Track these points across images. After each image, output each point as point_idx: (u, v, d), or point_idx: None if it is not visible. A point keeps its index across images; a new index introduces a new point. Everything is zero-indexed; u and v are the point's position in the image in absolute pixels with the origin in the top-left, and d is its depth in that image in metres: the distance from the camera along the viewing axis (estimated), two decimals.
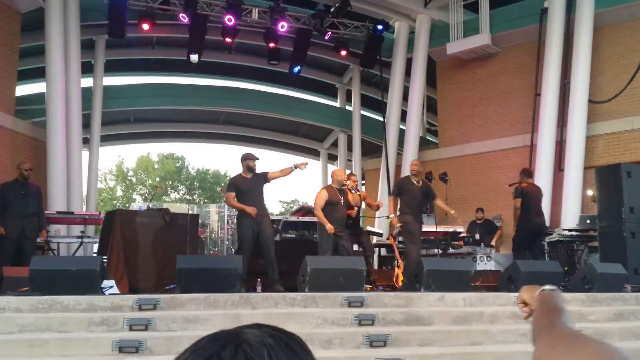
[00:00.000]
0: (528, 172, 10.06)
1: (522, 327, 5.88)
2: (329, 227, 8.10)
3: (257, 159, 8.28)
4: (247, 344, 0.70)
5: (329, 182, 9.01)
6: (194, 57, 13.51)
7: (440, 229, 10.71)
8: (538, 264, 8.31)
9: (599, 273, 7.42)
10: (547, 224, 10.37)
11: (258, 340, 0.71)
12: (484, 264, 10.81)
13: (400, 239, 9.47)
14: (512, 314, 6.25)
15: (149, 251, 8.57)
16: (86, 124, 13.86)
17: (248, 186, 8.04)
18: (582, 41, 12.16)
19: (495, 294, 6.96)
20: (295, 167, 8.12)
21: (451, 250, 11.17)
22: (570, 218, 11.41)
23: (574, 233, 10.40)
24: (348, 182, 8.62)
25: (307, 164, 8.23)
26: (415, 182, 8.84)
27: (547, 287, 1.28)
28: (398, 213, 8.81)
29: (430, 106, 17.80)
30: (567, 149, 12.21)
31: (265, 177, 8.20)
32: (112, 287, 6.84)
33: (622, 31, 12.60)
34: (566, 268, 8.50)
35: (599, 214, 9.42)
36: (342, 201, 8.44)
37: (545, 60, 12.69)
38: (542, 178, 12.18)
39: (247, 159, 8.21)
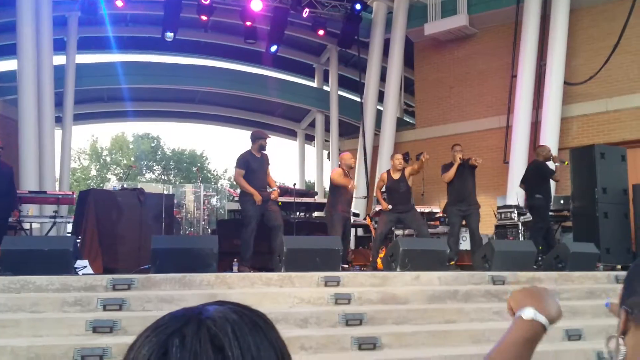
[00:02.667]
0: None
1: (496, 305, 5.95)
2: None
3: (269, 137, 8.14)
4: (210, 319, 0.69)
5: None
6: (169, 35, 13.30)
7: (417, 209, 10.72)
8: (512, 243, 8.41)
9: (571, 252, 7.54)
10: (522, 204, 10.47)
11: (221, 316, 0.69)
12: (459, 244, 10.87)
13: (376, 219, 9.56)
14: (486, 292, 6.32)
15: (123, 231, 8.47)
16: (59, 103, 13.61)
17: (257, 165, 7.86)
18: (558, 23, 12.23)
19: (469, 273, 7.03)
20: None
21: None
22: None
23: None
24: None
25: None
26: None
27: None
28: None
29: (408, 87, 17.81)
30: (542, 131, 12.33)
31: (268, 160, 8.09)
32: (85, 267, 6.76)
33: (598, 14, 12.69)
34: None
35: (573, 195, 9.55)
36: (350, 184, 8.59)
37: (522, 42, 12.74)
38: (518, 159, 12.30)
39: (260, 138, 7.94)
